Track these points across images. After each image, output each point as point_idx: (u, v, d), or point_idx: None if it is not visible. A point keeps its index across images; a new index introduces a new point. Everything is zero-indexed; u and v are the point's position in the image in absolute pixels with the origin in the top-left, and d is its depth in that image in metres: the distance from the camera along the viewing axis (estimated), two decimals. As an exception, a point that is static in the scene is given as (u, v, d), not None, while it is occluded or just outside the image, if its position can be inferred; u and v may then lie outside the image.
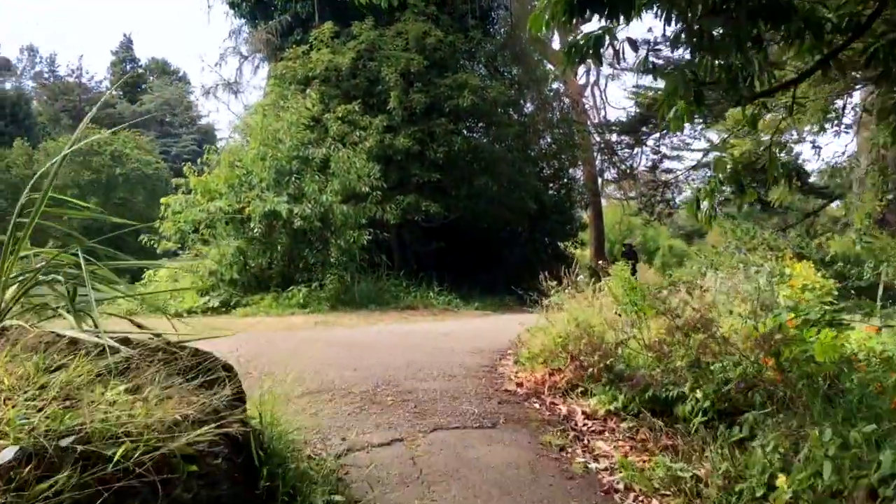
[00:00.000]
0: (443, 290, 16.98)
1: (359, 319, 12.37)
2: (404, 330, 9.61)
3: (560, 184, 25.12)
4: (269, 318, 12.54)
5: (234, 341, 6.42)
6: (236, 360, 3.44)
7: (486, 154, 17.35)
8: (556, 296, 9.36)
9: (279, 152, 14.23)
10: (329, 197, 13.76)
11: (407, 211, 16.51)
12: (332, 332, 8.97)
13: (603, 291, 10.20)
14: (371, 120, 16.58)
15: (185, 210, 13.77)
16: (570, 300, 9.33)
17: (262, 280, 14.07)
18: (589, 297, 9.69)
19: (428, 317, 13.64)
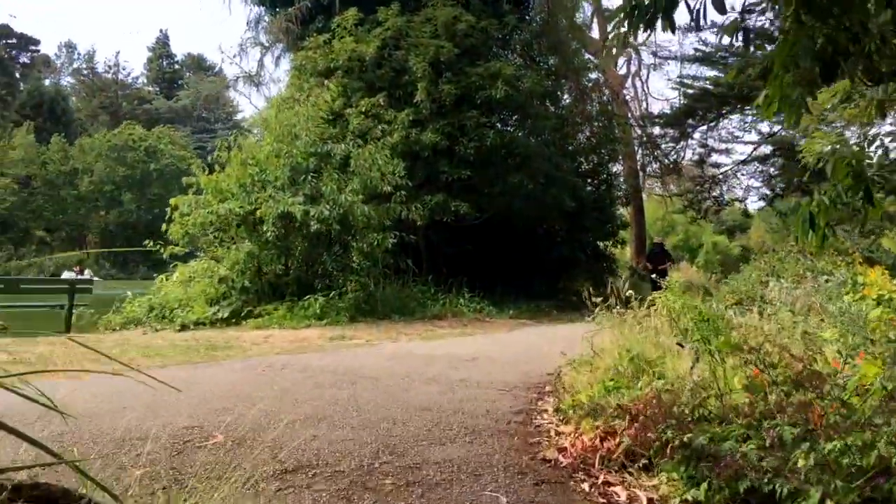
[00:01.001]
0: (474, 296, 15.76)
1: (378, 333, 11.19)
2: (425, 352, 8.39)
3: (599, 180, 23.70)
4: (281, 331, 11.42)
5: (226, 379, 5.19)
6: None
7: (520, 149, 16.04)
8: (601, 315, 8.06)
9: (295, 149, 13.11)
10: (349, 197, 12.59)
11: (435, 211, 15.30)
12: (341, 358, 7.77)
13: (655, 306, 8.91)
14: (396, 114, 15.37)
15: (194, 212, 12.70)
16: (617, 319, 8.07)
17: (278, 287, 12.97)
18: (638, 315, 8.41)
19: (456, 328, 12.40)
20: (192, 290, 13.39)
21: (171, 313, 12.66)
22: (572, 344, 9.48)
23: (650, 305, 9.35)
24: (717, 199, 26.13)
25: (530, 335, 11.06)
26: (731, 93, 19.55)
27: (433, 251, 17.10)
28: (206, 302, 12.70)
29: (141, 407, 4.88)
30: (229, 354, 7.99)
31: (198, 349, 8.49)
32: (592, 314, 7.80)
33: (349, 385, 5.96)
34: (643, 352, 6.07)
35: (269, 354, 8.01)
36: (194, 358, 7.69)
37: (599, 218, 22.36)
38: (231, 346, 8.89)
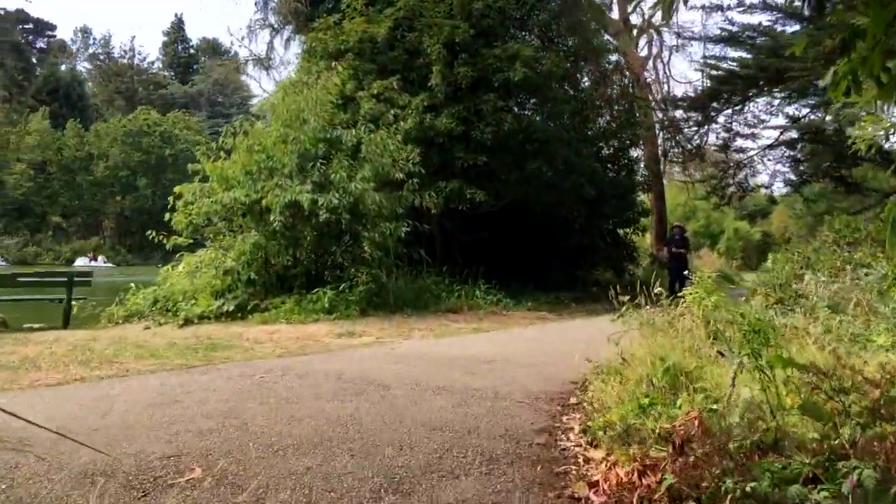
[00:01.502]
0: (490, 287, 15.16)
1: (390, 329, 10.64)
2: (438, 352, 7.82)
3: (620, 165, 22.96)
4: (288, 326, 10.90)
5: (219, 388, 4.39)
6: None
7: (539, 134, 15.38)
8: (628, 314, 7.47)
9: (303, 134, 12.52)
10: (359, 185, 12.01)
11: (450, 199, 14.69)
12: (347, 361, 7.21)
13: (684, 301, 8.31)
14: (410, 98, 14.76)
15: (198, 201, 12.17)
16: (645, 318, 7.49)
17: (286, 280, 12.44)
18: (669, 314, 7.83)
19: (471, 323, 11.83)
20: (197, 282, 12.88)
21: (175, 306, 12.16)
22: (595, 344, 8.89)
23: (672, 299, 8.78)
24: (742, 184, 25.29)
25: (550, 332, 10.46)
26: (760, 74, 18.74)
27: (448, 240, 16.52)
28: (212, 294, 12.19)
29: (116, 426, 4.35)
30: (229, 356, 7.45)
31: (196, 349, 7.97)
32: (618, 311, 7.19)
33: (353, 396, 5.40)
34: (679, 361, 5.47)
35: (271, 356, 7.47)
36: (191, 360, 7.16)
37: (619, 205, 21.65)
38: (232, 346, 8.36)
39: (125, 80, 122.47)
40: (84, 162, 78.29)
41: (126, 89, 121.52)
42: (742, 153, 25.03)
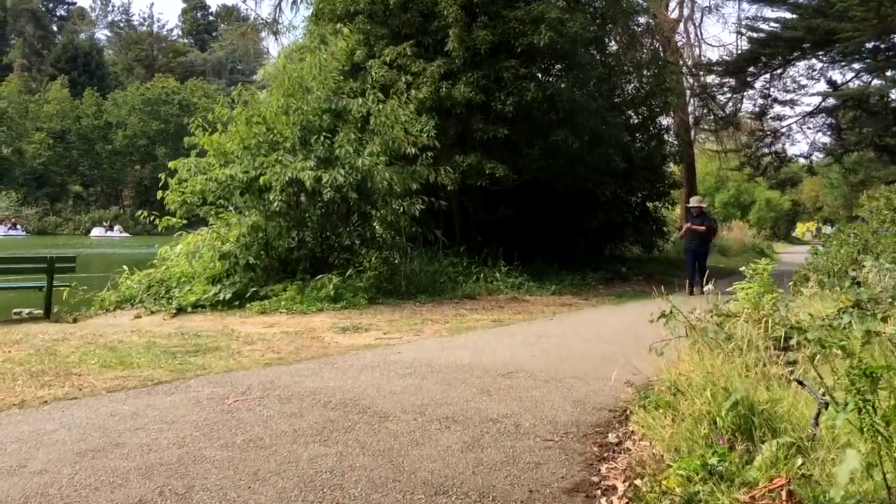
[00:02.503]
0: (511, 268, 14.09)
1: (400, 321, 9.63)
2: (449, 360, 6.76)
3: (649, 135, 21.67)
4: (288, 317, 9.93)
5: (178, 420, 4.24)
6: None
7: (565, 102, 14.13)
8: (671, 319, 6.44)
9: (306, 104, 11.43)
10: (367, 160, 10.93)
11: (468, 174, 13.58)
12: (341, 374, 6.19)
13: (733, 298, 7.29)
14: (425, 65, 13.58)
15: (192, 178, 11.16)
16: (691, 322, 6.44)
17: (288, 264, 11.45)
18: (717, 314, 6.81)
19: (490, 312, 10.78)
20: (196, 265, 11.94)
21: (169, 292, 11.22)
22: (631, 346, 7.81)
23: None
24: (779, 154, 23.85)
25: (577, 326, 9.37)
26: (807, 36, 17.28)
27: (466, 218, 15.46)
28: (209, 280, 11.24)
29: (16, 501, 3.34)
30: (208, 365, 6.46)
31: (175, 353, 6.99)
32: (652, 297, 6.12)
33: (341, 433, 4.38)
34: (747, 393, 4.37)
35: (256, 365, 6.46)
36: (162, 371, 6.18)
37: (649, 177, 20.44)
38: (217, 348, 7.38)
39: (144, 48, 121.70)
40: (102, 131, 77.78)
41: (145, 57, 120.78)
42: (779, 121, 23.54)
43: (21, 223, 65.70)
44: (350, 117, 11.82)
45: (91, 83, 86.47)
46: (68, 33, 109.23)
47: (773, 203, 44.55)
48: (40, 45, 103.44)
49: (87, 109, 77.36)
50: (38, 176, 73.26)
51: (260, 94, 12.10)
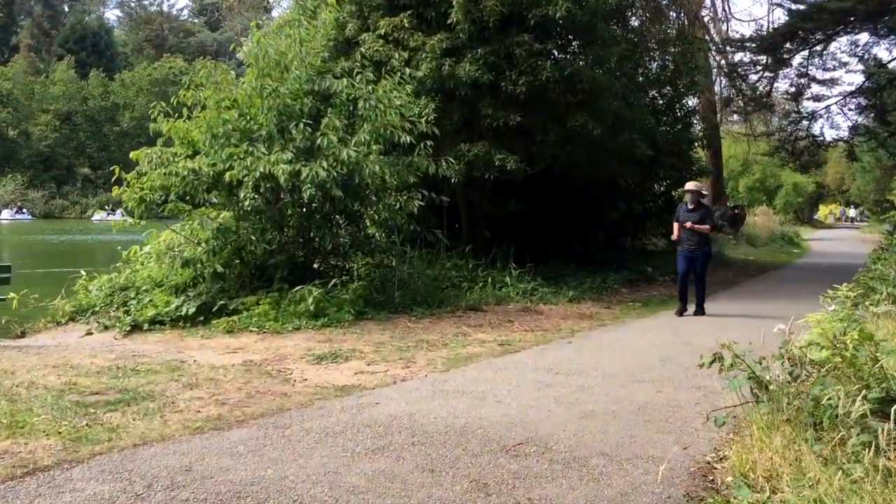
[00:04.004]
0: (523, 271, 12.49)
1: (388, 344, 8.08)
2: (440, 415, 5.20)
3: (675, 117, 19.86)
4: (257, 338, 8.42)
5: None
6: None
7: (585, 83, 12.41)
8: (734, 381, 4.95)
9: (284, 86, 9.84)
10: (354, 151, 9.33)
11: (474, 165, 11.93)
12: (293, 447, 4.65)
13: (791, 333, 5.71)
14: (425, 39, 11.91)
15: (151, 171, 9.62)
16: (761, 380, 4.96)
17: (264, 271, 9.90)
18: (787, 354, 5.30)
19: (498, 332, 9.19)
20: (162, 271, 10.45)
21: (127, 303, 9.74)
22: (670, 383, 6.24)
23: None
24: (816, 138, 22.00)
25: (601, 353, 7.74)
26: (858, 6, 15.44)
27: (472, 214, 13.84)
28: (172, 290, 9.74)
29: None
30: (120, 429, 4.93)
31: (90, 406, 5.47)
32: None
33: None
34: None
35: (184, 431, 4.91)
36: (52, 442, 4.66)
37: (675, 164, 18.63)
38: (150, 395, 5.85)
39: (154, 28, 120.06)
40: (110, 112, 76.35)
41: (155, 37, 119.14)
42: (818, 101, 21.64)
43: (27, 207, 64.65)
44: (337, 101, 10.22)
45: (100, 64, 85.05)
46: (77, 13, 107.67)
47: (801, 187, 42.53)
48: (49, 26, 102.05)
49: (94, 90, 75.99)
50: (44, 158, 72.12)
51: (233, 74, 10.49)
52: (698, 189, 11.12)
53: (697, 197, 10.94)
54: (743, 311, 11.21)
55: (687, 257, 10.77)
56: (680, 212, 11.01)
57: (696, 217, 10.65)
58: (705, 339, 8.67)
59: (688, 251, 10.74)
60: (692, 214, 10.70)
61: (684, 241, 10.77)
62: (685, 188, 11.17)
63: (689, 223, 10.60)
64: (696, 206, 10.78)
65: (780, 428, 4.27)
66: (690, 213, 10.74)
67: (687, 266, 10.78)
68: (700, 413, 5.45)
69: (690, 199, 10.82)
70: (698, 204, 10.87)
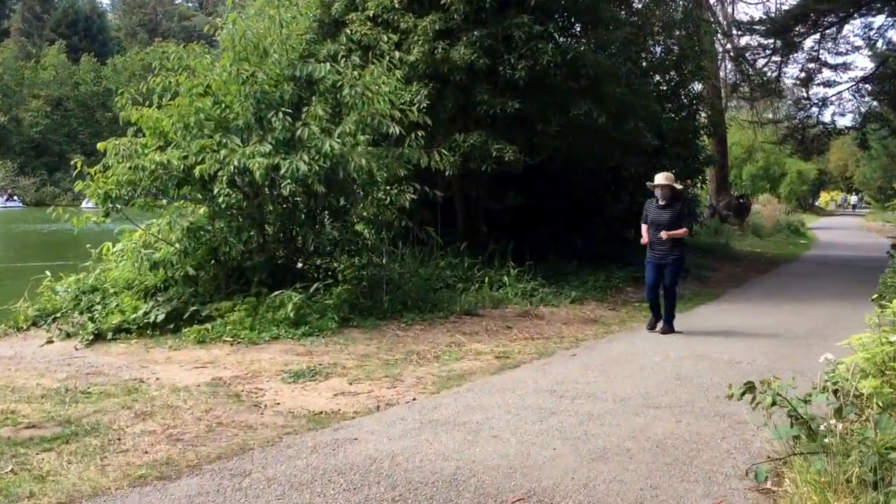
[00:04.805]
0: (522, 269, 11.73)
1: (374, 358, 7.34)
2: (424, 459, 4.44)
3: (680, 104, 19.02)
4: (230, 350, 7.65)
5: None
6: None
7: (588, 68, 11.56)
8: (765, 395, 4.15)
9: (262, 71, 9.01)
10: (337, 142, 8.53)
11: (470, 157, 11.13)
12: (257, 487, 3.91)
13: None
14: (417, 21, 11.08)
15: (116, 165, 8.81)
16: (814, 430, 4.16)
17: (242, 273, 9.12)
18: None
19: (496, 339, 8.45)
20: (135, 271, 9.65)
21: (92, 308, 8.97)
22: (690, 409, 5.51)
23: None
24: (827, 125, 21.16)
25: (609, 370, 6.96)
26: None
27: (468, 208, 13.05)
28: (141, 294, 8.95)
29: None
30: (52, 476, 4.17)
31: (20, 445, 4.71)
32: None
33: None
34: None
35: (121, 483, 4.14)
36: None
37: (681, 154, 17.81)
38: (94, 428, 5.09)
39: (148, 12, 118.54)
40: (102, 98, 75.10)
41: (149, 21, 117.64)
42: (829, 87, 20.78)
43: (18, 194, 63.73)
44: (320, 88, 9.41)
45: (92, 48, 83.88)
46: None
47: (805, 175, 41.70)
48: (41, 10, 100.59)
49: (85, 76, 74.86)
50: (35, 145, 71.15)
51: (208, 58, 9.64)
52: (671, 182, 8.99)
53: (670, 192, 8.86)
54: (759, 316, 10.48)
55: (655, 265, 8.96)
56: (649, 209, 9.01)
57: (668, 216, 8.77)
58: (721, 350, 7.96)
59: (656, 258, 8.95)
60: (664, 213, 8.80)
61: (652, 244, 8.96)
62: (655, 181, 8.99)
63: (662, 233, 8.73)
64: (669, 203, 8.83)
65: (837, 489, 3.52)
66: (662, 210, 8.83)
67: (655, 276, 8.96)
68: (729, 451, 4.72)
69: (661, 194, 8.84)
70: (671, 200, 8.86)
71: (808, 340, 8.57)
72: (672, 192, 8.87)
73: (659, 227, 8.76)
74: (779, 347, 8.15)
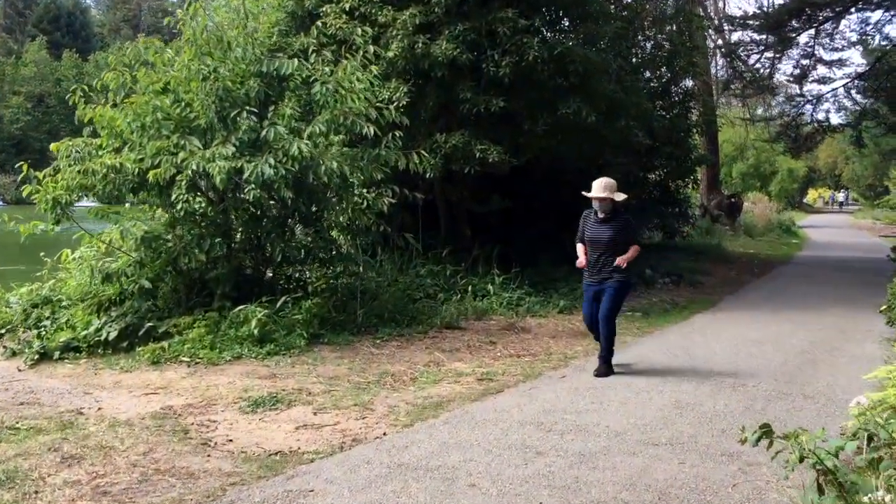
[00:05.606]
0: (508, 277, 11.10)
1: (343, 381, 6.68)
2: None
3: (671, 102, 18.46)
4: (186, 372, 6.97)
5: None
6: None
7: (577, 64, 10.92)
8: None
9: (225, 66, 8.33)
10: (306, 144, 7.86)
11: (452, 158, 10.48)
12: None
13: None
14: (396, 14, 10.41)
15: (65, 168, 8.12)
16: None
17: (204, 286, 8.42)
18: None
19: (478, 357, 7.82)
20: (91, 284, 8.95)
21: (40, 323, 8.29)
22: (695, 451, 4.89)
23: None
24: (821, 123, 20.64)
25: (603, 392, 6.32)
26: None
27: (452, 212, 12.40)
28: (94, 308, 8.24)
29: None
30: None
31: None
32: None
33: None
34: None
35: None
36: None
37: (673, 153, 17.26)
38: (13, 478, 4.42)
39: (132, 8, 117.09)
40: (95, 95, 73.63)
41: (133, 17, 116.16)
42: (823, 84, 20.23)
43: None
44: (291, 84, 8.74)
45: (75, 45, 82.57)
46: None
47: (796, 173, 41.26)
48: (23, 6, 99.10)
49: (67, 72, 73.57)
50: (16, 142, 69.81)
51: (169, 53, 8.94)
52: (611, 193, 6.88)
53: (610, 204, 6.90)
54: (758, 326, 9.87)
55: (593, 293, 7.13)
56: (585, 224, 7.11)
57: (609, 233, 6.90)
58: (722, 367, 7.34)
59: (595, 283, 7.09)
60: (604, 229, 6.92)
61: (590, 266, 7.09)
62: (592, 191, 6.96)
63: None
64: (609, 216, 6.94)
65: None
66: (601, 226, 6.95)
67: (594, 306, 7.17)
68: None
69: (601, 206, 6.90)
70: (613, 213, 6.96)
71: (814, 355, 7.99)
72: (614, 203, 6.93)
73: (597, 245, 6.93)
74: (783, 365, 7.54)
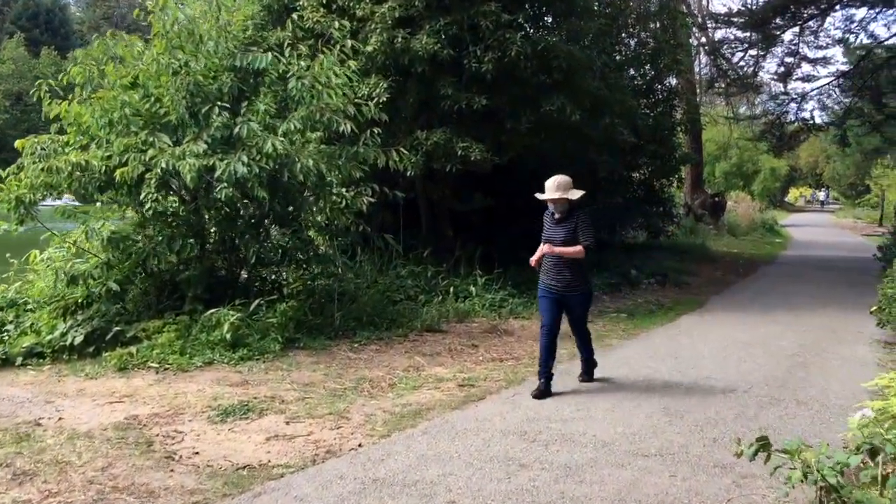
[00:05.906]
0: (491, 278, 10.86)
1: (319, 387, 6.40)
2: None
3: (655, 100, 18.30)
4: (156, 378, 6.67)
5: None
6: None
7: (561, 60, 10.67)
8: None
9: (198, 61, 8.03)
10: (280, 142, 7.57)
11: (433, 156, 10.21)
12: None
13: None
14: (374, 7, 10.13)
15: (30, 167, 7.80)
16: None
17: (175, 289, 8.11)
18: None
19: (459, 362, 7.57)
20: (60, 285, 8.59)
21: (4, 329, 7.94)
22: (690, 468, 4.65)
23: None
24: (806, 122, 20.56)
25: (589, 399, 6.09)
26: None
27: (433, 211, 12.14)
28: (60, 311, 7.91)
29: None
30: None
31: None
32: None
33: None
34: None
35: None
36: None
37: (658, 151, 17.09)
38: None
39: (112, 5, 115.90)
40: (65, 92, 72.74)
41: (113, 14, 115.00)
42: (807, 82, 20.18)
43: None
44: (267, 79, 8.45)
45: (54, 42, 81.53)
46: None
47: (779, 172, 41.34)
48: (1, 3, 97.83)
49: (46, 69, 72.54)
50: (-7, 141, 68.88)
51: (139, 47, 8.61)
52: (564, 192, 6.26)
53: (566, 204, 6.31)
54: (746, 328, 9.68)
55: (554, 300, 6.48)
56: (545, 226, 6.53)
57: (563, 233, 6.30)
58: (714, 372, 7.13)
59: (556, 290, 6.43)
60: (559, 229, 6.34)
61: (548, 272, 6.47)
62: (546, 192, 6.37)
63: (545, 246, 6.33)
64: (565, 217, 6.36)
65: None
66: (557, 226, 6.37)
67: (555, 313, 6.49)
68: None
69: (556, 207, 6.34)
70: (568, 213, 6.36)
71: (804, 359, 7.80)
72: (569, 203, 6.36)
73: (553, 246, 6.35)
74: (775, 369, 7.34)
